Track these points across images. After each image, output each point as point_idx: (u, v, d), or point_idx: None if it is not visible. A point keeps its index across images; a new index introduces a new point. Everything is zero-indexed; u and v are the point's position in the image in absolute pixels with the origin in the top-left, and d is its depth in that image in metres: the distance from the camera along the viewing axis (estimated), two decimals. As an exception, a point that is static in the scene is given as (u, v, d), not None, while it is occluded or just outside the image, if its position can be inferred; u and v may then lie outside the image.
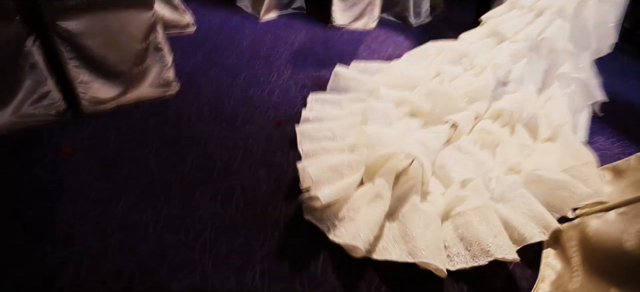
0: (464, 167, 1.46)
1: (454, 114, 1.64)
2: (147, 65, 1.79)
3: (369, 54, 2.65)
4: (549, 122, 1.74)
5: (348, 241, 1.15)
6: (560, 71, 1.87)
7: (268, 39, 2.67)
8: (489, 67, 1.80)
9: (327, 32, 2.96)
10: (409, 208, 1.26)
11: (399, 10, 3.40)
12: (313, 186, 1.24)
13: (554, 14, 1.85)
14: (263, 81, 2.08)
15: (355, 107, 1.78)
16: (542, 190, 1.42)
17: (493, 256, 1.14)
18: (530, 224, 1.27)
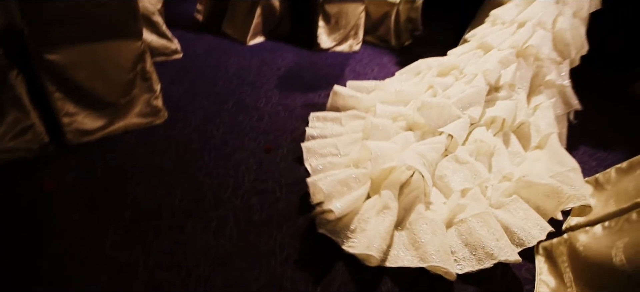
0: (463, 177, 1.54)
1: (449, 123, 1.69)
2: (134, 94, 1.76)
3: (355, 76, 2.69)
4: (539, 131, 1.81)
5: (362, 251, 1.19)
6: (547, 78, 1.95)
7: (255, 64, 2.68)
8: (480, 73, 1.85)
9: (313, 56, 2.99)
10: (415, 217, 1.34)
11: (381, 33, 3.49)
12: (325, 199, 1.28)
13: (535, 25, 1.93)
14: (251, 107, 2.07)
15: (355, 123, 1.85)
16: (533, 195, 1.47)
17: (497, 258, 1.21)
18: (528, 227, 1.33)
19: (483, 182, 1.54)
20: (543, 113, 1.88)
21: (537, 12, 1.94)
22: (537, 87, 1.96)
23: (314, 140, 1.73)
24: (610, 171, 1.65)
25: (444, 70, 2.07)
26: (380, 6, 3.41)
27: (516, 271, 1.31)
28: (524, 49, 1.89)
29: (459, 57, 2.09)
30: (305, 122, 1.98)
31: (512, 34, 1.97)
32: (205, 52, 2.81)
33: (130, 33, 1.58)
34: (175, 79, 2.31)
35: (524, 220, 1.37)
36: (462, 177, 1.55)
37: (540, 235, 1.29)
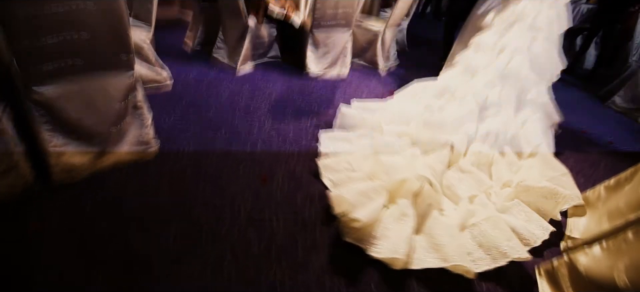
0: (468, 185, 1.70)
1: (448, 139, 1.85)
2: (125, 126, 1.70)
3: (346, 100, 2.69)
4: (529, 142, 2.01)
5: (389, 255, 1.28)
6: (529, 97, 2.12)
7: (246, 91, 2.66)
8: (469, 95, 2.04)
9: (303, 81, 3.00)
10: (432, 222, 1.46)
11: (369, 57, 3.54)
12: (350, 209, 1.37)
13: (513, 51, 2.11)
14: (244, 135, 2.03)
15: (364, 142, 1.94)
16: (533, 198, 1.62)
17: (510, 257, 1.30)
18: (531, 228, 1.45)
19: (487, 189, 1.70)
20: (531, 126, 2.08)
21: (513, 39, 2.12)
22: (521, 104, 2.12)
23: (328, 158, 1.84)
24: (599, 188, 1.67)
25: (438, 92, 2.22)
26: (366, 31, 3.48)
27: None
28: (506, 72, 2.07)
29: (450, 80, 2.24)
30: (298, 148, 1.95)
31: (494, 59, 2.14)
32: (196, 81, 2.77)
33: (122, 66, 1.54)
34: (166, 108, 2.26)
35: (528, 222, 1.49)
36: (468, 185, 1.70)
37: (544, 235, 1.42)
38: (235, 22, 3.05)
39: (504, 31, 2.19)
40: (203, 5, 3.43)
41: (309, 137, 2.08)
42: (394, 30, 3.57)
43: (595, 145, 2.43)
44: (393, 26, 3.50)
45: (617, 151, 2.39)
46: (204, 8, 3.43)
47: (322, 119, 2.34)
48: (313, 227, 1.44)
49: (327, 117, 2.38)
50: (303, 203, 1.56)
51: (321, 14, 2.93)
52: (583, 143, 2.44)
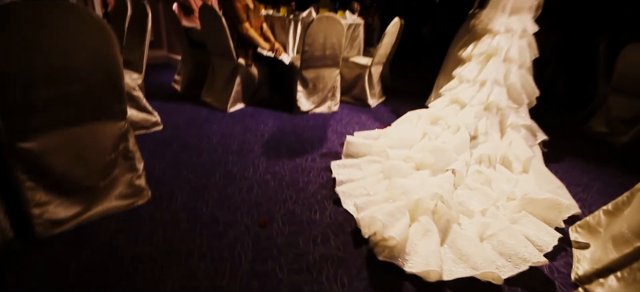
0: (478, 200, 1.82)
1: (450, 163, 2.00)
2: (115, 176, 1.61)
3: (338, 136, 2.69)
4: (518, 158, 2.18)
5: (424, 268, 1.33)
6: (509, 122, 2.38)
7: (238, 132, 2.61)
8: (462, 126, 2.24)
9: (294, 119, 2.99)
10: (453, 236, 1.54)
11: (357, 92, 3.59)
12: (383, 229, 1.45)
13: (492, 83, 2.33)
14: (239, 178, 1.97)
15: (373, 167, 2.06)
16: (537, 209, 1.72)
17: (530, 262, 1.37)
18: (541, 236, 1.53)
19: (495, 203, 1.82)
20: (516, 145, 2.28)
21: (491, 71, 2.34)
22: (504, 129, 2.38)
23: (345, 185, 1.91)
24: (598, 214, 1.67)
25: (433, 120, 2.46)
26: (353, 69, 3.55)
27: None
28: (488, 104, 2.31)
29: (441, 110, 2.47)
30: (296, 189, 1.90)
31: (477, 91, 2.37)
32: (186, 123, 2.72)
33: (114, 114, 1.48)
34: (157, 153, 2.18)
35: (537, 230, 1.57)
36: (478, 200, 1.82)
37: (553, 241, 1.50)
38: (225, 63, 3.07)
39: (482, 65, 2.40)
40: (192, 49, 3.45)
41: (305, 178, 2.03)
42: (379, 67, 3.66)
43: (582, 170, 2.47)
44: (379, 63, 3.60)
45: (605, 174, 2.44)
46: (193, 51, 3.45)
47: (317, 158, 2.30)
48: (319, 272, 1.35)
49: (322, 155, 2.35)
50: (306, 246, 1.48)
51: (309, 55, 2.98)
52: (570, 168, 2.48)
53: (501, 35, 2.34)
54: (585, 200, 2.07)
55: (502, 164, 2.15)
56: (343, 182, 1.94)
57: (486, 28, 2.42)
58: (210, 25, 2.95)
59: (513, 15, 2.35)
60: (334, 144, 2.53)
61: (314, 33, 2.88)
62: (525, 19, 2.37)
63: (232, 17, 2.93)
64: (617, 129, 3.17)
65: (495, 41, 2.35)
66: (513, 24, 2.34)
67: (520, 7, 2.34)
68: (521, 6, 2.34)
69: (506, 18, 2.35)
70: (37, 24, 1.18)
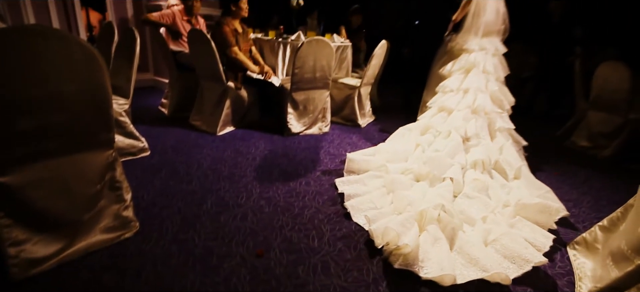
0: (478, 208, 1.87)
1: (447, 170, 2.07)
2: (101, 208, 1.50)
3: (330, 158, 2.64)
4: (510, 165, 2.29)
5: (439, 273, 1.38)
6: (497, 126, 2.47)
7: (228, 156, 2.53)
8: (452, 130, 2.34)
9: (285, 142, 2.93)
10: (461, 242, 1.60)
11: (347, 113, 3.59)
12: (397, 238, 1.51)
13: (475, 90, 2.48)
14: (233, 205, 1.88)
15: (376, 182, 2.13)
16: (530, 213, 1.84)
17: (532, 262, 1.47)
18: (537, 238, 1.65)
19: (493, 209, 1.90)
20: (508, 151, 2.40)
21: (473, 81, 2.50)
22: (494, 132, 2.47)
23: (353, 199, 1.96)
24: (594, 230, 1.67)
25: (423, 131, 2.55)
26: (343, 90, 3.56)
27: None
28: (475, 108, 2.42)
29: (429, 119, 2.58)
30: (292, 215, 1.82)
31: (462, 98, 2.51)
32: (175, 147, 2.63)
33: (101, 143, 1.39)
34: (145, 180, 2.08)
35: (533, 233, 1.69)
36: (477, 208, 1.87)
37: (549, 242, 1.63)
38: (214, 86, 3.01)
39: (464, 76, 2.59)
40: (180, 72, 3.38)
41: (300, 202, 1.96)
42: (368, 87, 3.68)
43: (571, 185, 2.50)
44: (368, 84, 3.61)
45: (592, 188, 2.47)
46: (180, 74, 3.38)
47: (311, 182, 2.24)
48: (320, 306, 1.28)
49: (316, 179, 2.29)
50: (306, 275, 1.40)
51: (299, 78, 2.96)
52: (559, 183, 2.50)
53: (477, 52, 2.57)
54: (578, 216, 2.07)
55: (495, 169, 2.26)
56: (351, 196, 1.99)
57: (462, 48, 2.66)
58: (199, 49, 2.91)
59: (484, 37, 2.60)
60: (327, 166, 2.48)
61: (304, 56, 2.88)
62: (495, 40, 2.62)
63: (221, 42, 2.90)
64: (599, 143, 3.26)
65: (472, 57, 2.57)
66: (485, 44, 2.59)
67: (490, 30, 2.60)
68: (491, 30, 2.60)
69: (479, 39, 2.60)
70: (20, 52, 1.11)
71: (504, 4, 2.67)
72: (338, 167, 2.48)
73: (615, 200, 2.30)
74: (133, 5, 4.67)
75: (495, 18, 2.64)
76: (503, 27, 2.65)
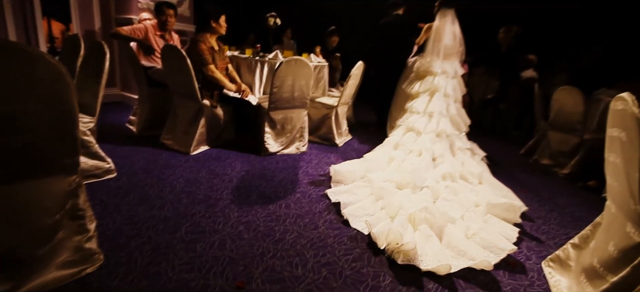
0: (456, 209, 2.08)
1: (424, 181, 2.33)
2: (59, 240, 1.32)
3: (310, 178, 2.57)
4: (472, 173, 2.66)
5: (436, 265, 1.58)
6: (457, 146, 2.90)
7: (203, 178, 2.39)
8: (423, 150, 2.70)
9: (263, 162, 2.83)
10: (448, 238, 1.82)
11: (323, 132, 3.55)
12: (399, 237, 1.69)
13: (439, 115, 2.91)
14: (209, 231, 1.75)
15: (364, 190, 2.29)
16: (498, 212, 2.15)
17: (506, 250, 1.75)
18: (505, 231, 1.99)
19: (468, 209, 2.14)
20: (468, 163, 2.83)
21: (436, 105, 2.94)
22: (455, 151, 2.88)
23: (349, 207, 2.07)
24: (567, 247, 1.71)
25: (393, 146, 2.90)
26: (320, 109, 3.53)
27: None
28: (439, 132, 2.86)
29: (400, 137, 2.92)
30: (273, 241, 1.72)
31: (428, 122, 2.92)
32: (145, 169, 2.44)
33: (63, 168, 1.23)
34: (110, 206, 1.89)
35: (502, 227, 2.02)
36: (456, 209, 2.08)
37: (515, 234, 1.98)
38: (188, 104, 2.87)
39: (428, 99, 3.02)
40: (151, 88, 3.21)
41: (281, 227, 1.86)
42: (345, 106, 3.68)
43: (539, 202, 2.59)
44: (345, 103, 3.61)
45: (557, 205, 2.57)
46: (152, 91, 3.21)
47: (291, 204, 2.15)
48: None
49: (296, 201, 2.20)
50: (289, 310, 1.31)
51: (278, 97, 2.90)
52: (528, 201, 2.58)
53: (439, 76, 2.98)
54: (548, 232, 2.13)
55: (461, 179, 2.58)
56: (347, 204, 2.10)
57: (427, 70, 3.05)
58: (173, 66, 2.77)
59: (445, 60, 3.01)
60: (307, 188, 2.40)
61: (282, 75, 2.82)
62: (455, 63, 3.05)
63: (197, 59, 2.78)
64: (559, 161, 3.44)
65: (436, 81, 2.98)
66: (446, 67, 2.99)
67: (450, 53, 3.02)
68: (451, 53, 3.03)
69: (441, 62, 3.00)
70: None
71: (459, 30, 3.04)
72: (318, 188, 2.41)
73: (579, 216, 2.41)
74: (101, 18, 4.43)
75: (453, 42, 3.01)
76: (461, 49, 3.07)
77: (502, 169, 3.30)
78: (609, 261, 1.41)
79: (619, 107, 1.40)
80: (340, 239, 1.80)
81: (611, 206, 1.50)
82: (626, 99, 1.33)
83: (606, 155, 1.54)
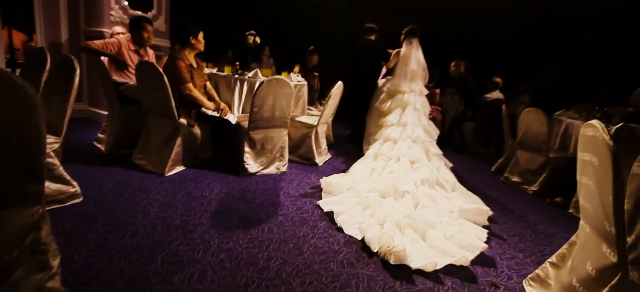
0: (434, 215, 2.31)
1: (405, 185, 2.52)
2: (16, 280, 1.16)
3: (291, 200, 2.50)
4: (447, 181, 2.93)
5: (424, 263, 1.79)
6: (432, 152, 3.14)
7: (180, 201, 2.25)
8: (401, 156, 2.90)
9: (242, 183, 2.73)
10: (431, 240, 2.04)
11: (304, 152, 3.50)
12: (390, 241, 1.88)
13: (412, 124, 3.18)
14: (188, 261, 1.63)
15: (352, 200, 2.48)
16: (470, 216, 2.44)
17: (480, 248, 2.04)
18: (477, 233, 2.26)
19: (444, 214, 2.39)
20: (443, 170, 3.07)
21: (409, 117, 3.23)
22: (430, 157, 3.10)
23: (340, 216, 2.23)
24: (546, 266, 1.75)
25: (373, 157, 3.05)
26: (300, 128, 3.49)
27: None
28: (414, 138, 3.09)
29: (379, 148, 3.10)
30: (257, 269, 1.63)
31: (403, 130, 3.16)
32: (114, 192, 2.27)
33: (25, 198, 1.09)
34: (76, 236, 1.72)
35: (474, 229, 2.30)
36: (434, 214, 2.30)
37: (485, 235, 2.26)
38: (164, 122, 2.73)
39: (401, 112, 3.29)
40: (122, 105, 3.03)
41: (264, 254, 1.77)
42: (324, 126, 3.66)
43: (513, 220, 2.67)
44: (325, 123, 3.60)
45: (530, 221, 2.66)
46: (123, 107, 3.03)
47: (274, 228, 2.07)
48: None
49: (278, 225, 2.12)
50: (277, 347, 1.22)
51: (258, 116, 2.83)
52: (503, 219, 2.65)
53: (408, 93, 3.34)
54: (525, 250, 2.19)
55: (437, 185, 2.81)
56: (339, 213, 2.26)
57: (397, 89, 3.40)
58: (149, 83, 2.64)
59: (412, 81, 3.39)
60: (289, 210, 2.33)
61: (263, 95, 2.76)
62: (420, 84, 3.43)
63: (175, 77, 2.67)
64: (528, 179, 3.60)
65: (405, 97, 3.32)
66: (414, 87, 3.37)
67: (415, 75, 3.42)
68: (416, 75, 3.43)
69: (408, 83, 3.39)
70: None
71: (423, 57, 3.50)
72: (300, 210, 2.35)
73: (551, 232, 2.50)
74: (68, 29, 4.18)
75: (418, 67, 3.45)
76: (424, 74, 3.50)
77: (476, 188, 3.39)
78: (587, 280, 1.45)
79: (589, 134, 1.47)
80: (335, 247, 1.74)
81: (585, 226, 1.55)
82: (596, 126, 1.40)
83: (578, 177, 1.61)
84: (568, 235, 2.29)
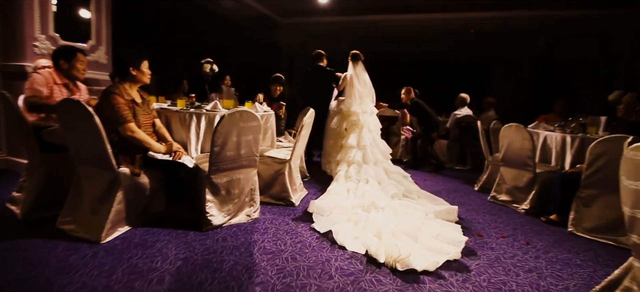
0: (416, 219, 2.57)
1: (382, 201, 2.83)
2: None
3: (270, 258, 2.02)
4: (411, 190, 3.28)
5: (427, 264, 1.95)
6: (391, 170, 3.62)
7: (120, 279, 1.69)
8: (369, 178, 3.34)
9: (206, 241, 2.19)
10: (424, 242, 2.23)
11: (276, 191, 3.03)
12: (397, 251, 1.99)
13: (370, 146, 3.65)
14: None
15: (341, 217, 2.58)
16: (443, 216, 2.72)
17: (462, 241, 2.26)
18: (453, 229, 2.52)
19: (425, 219, 2.63)
20: (407, 182, 3.55)
21: (366, 139, 3.64)
22: (389, 174, 3.54)
23: (333, 234, 2.32)
24: None
25: (344, 178, 3.37)
26: (271, 165, 3.04)
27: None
28: (375, 161, 3.53)
29: (347, 170, 3.45)
30: None
31: (364, 154, 3.56)
32: (30, 272, 1.67)
33: None
34: None
35: (450, 227, 2.56)
36: (416, 219, 2.56)
37: (460, 230, 2.50)
38: (98, 174, 2.16)
39: (358, 134, 3.64)
40: (44, 154, 2.40)
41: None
42: (298, 159, 3.24)
43: (520, 248, 2.38)
44: (298, 156, 3.18)
45: (539, 249, 2.40)
46: (45, 157, 2.40)
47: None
48: None
49: (256, 297, 1.63)
50: None
51: (221, 157, 2.35)
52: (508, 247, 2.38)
53: (361, 114, 3.65)
54: (548, 289, 1.88)
55: (404, 196, 3.14)
56: (337, 233, 2.32)
57: (350, 110, 3.73)
58: (75, 126, 2.08)
59: (361, 101, 3.75)
60: (267, 275, 1.84)
61: (225, 131, 2.30)
62: (370, 104, 3.80)
63: (111, 117, 2.13)
64: (517, 197, 3.40)
65: (361, 117, 3.64)
66: (365, 107, 3.71)
67: (365, 96, 3.82)
68: (365, 95, 3.82)
69: (359, 103, 3.72)
70: None
71: (368, 77, 3.87)
72: (281, 272, 1.87)
73: (567, 260, 2.24)
74: (-23, 67, 3.44)
75: (365, 88, 3.80)
76: (372, 94, 3.88)
77: (467, 210, 3.14)
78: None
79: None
80: None
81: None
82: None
83: (631, 211, 1.34)
84: (580, 260, 2.29)
